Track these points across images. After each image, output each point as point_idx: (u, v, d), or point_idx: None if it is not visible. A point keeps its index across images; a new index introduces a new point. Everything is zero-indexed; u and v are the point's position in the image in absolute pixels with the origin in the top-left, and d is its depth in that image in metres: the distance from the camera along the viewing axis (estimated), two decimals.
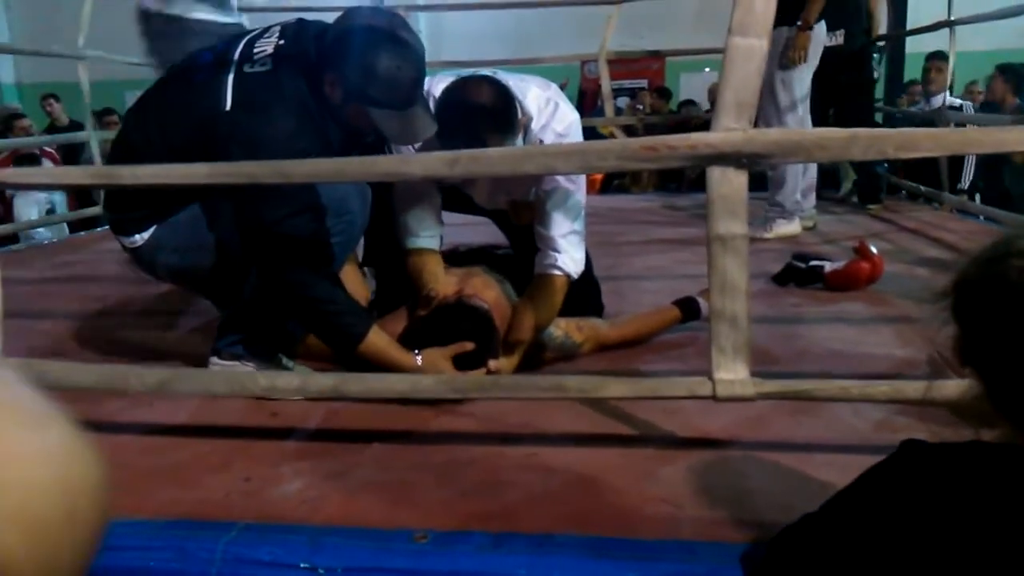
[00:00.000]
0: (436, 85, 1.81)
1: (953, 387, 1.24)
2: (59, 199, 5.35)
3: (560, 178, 1.79)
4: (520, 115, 1.73)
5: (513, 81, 1.80)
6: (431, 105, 1.76)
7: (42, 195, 5.14)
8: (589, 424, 1.52)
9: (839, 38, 3.84)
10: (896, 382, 1.28)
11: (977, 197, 4.87)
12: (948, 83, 4.20)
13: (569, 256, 1.82)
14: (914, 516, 0.76)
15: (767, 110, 3.35)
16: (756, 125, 1.25)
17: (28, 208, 5.21)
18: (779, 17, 1.31)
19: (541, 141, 1.79)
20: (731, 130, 1.21)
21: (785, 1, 1.27)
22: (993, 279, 0.73)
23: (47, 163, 5.49)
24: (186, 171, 1.40)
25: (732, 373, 1.28)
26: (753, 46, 1.17)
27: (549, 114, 1.80)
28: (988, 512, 0.72)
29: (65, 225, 5.02)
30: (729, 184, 1.22)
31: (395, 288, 1.98)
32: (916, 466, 0.79)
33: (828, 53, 3.62)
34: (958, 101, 5.08)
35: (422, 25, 9.77)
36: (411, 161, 1.51)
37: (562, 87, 2.43)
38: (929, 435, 1.34)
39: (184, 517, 1.21)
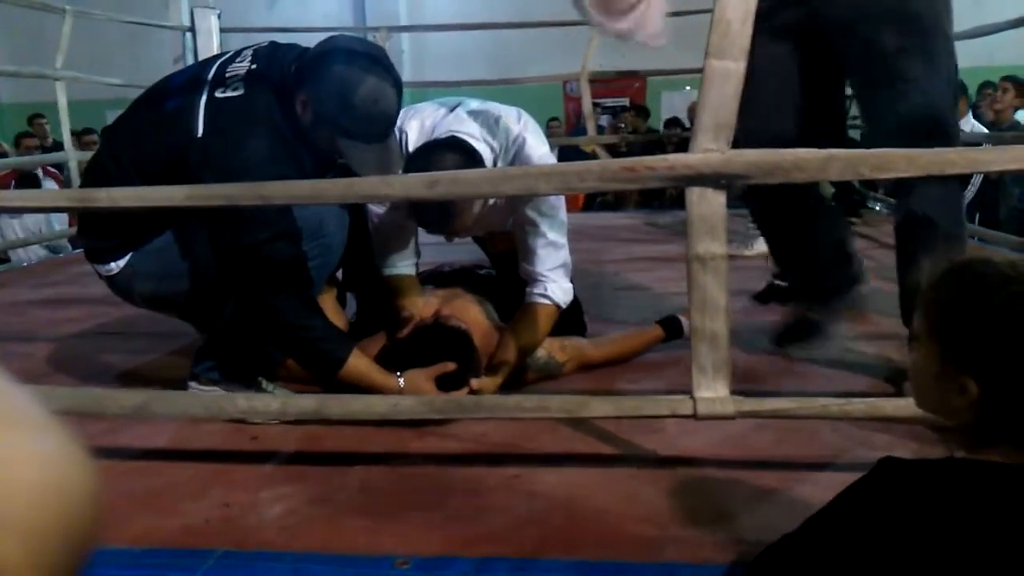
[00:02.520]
0: (409, 122, 1.81)
1: None
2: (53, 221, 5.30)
3: (536, 216, 1.78)
4: None
5: (483, 118, 1.78)
6: (404, 141, 1.77)
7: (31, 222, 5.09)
8: (572, 445, 1.51)
9: None
10: (874, 400, 1.29)
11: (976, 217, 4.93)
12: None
13: (558, 286, 1.82)
14: (893, 534, 0.77)
15: None
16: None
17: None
18: None
19: None
20: (709, 151, 1.22)
21: None
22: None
23: (51, 183, 5.45)
24: (164, 194, 1.39)
25: (712, 391, 1.28)
26: (730, 68, 1.19)
27: (517, 150, 1.79)
28: (966, 529, 0.73)
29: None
30: (708, 204, 1.23)
31: (375, 313, 1.98)
32: (894, 483, 0.80)
33: None
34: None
35: (405, 46, 9.81)
36: (391, 183, 1.51)
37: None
38: (909, 452, 1.35)
39: (162, 545, 1.19)
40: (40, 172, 5.51)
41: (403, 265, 1.92)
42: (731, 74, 1.19)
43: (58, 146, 6.05)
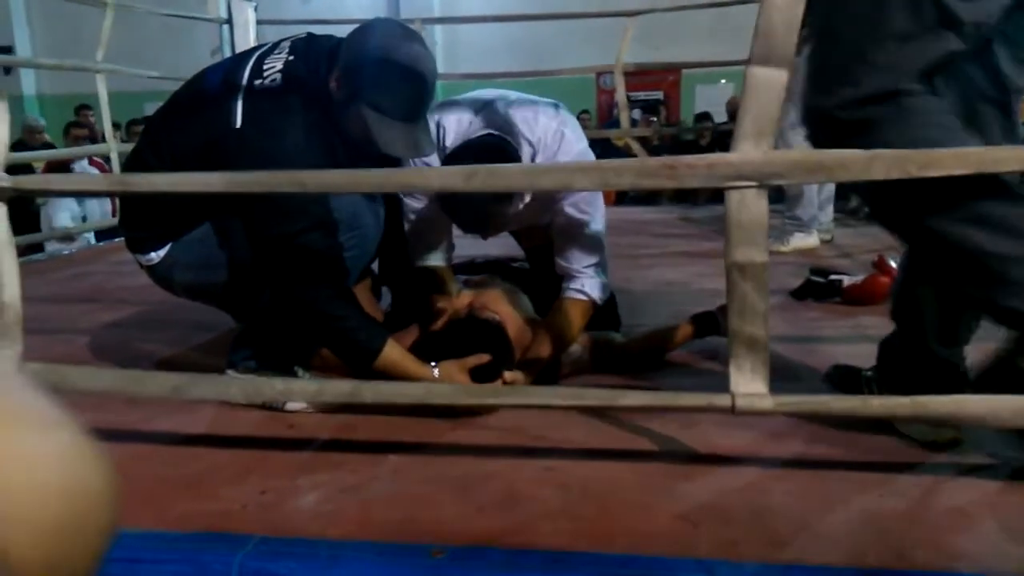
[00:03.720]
0: (446, 117, 1.80)
1: (978, 404, 1.23)
2: (95, 210, 5.39)
3: (575, 211, 1.77)
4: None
5: (522, 113, 1.78)
6: (442, 136, 1.76)
7: (74, 205, 5.15)
8: (606, 439, 1.51)
9: None
10: (919, 398, 1.26)
11: None
12: None
13: (594, 282, 1.81)
14: None
15: (786, 116, 3.32)
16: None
17: (61, 214, 5.25)
18: None
19: None
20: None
21: None
22: None
23: (94, 171, 5.55)
24: (202, 180, 1.40)
25: (750, 389, 1.26)
26: (774, 76, 1.16)
27: (555, 146, 1.78)
28: None
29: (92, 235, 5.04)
30: (748, 211, 1.20)
31: (409, 305, 1.99)
32: None
33: None
34: None
35: (438, 38, 9.84)
36: (428, 173, 1.51)
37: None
38: (950, 455, 1.33)
39: (201, 529, 1.21)
40: (86, 162, 5.60)
41: (437, 258, 1.92)
42: (775, 82, 1.17)
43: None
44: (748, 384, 1.26)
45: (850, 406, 1.29)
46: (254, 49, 1.73)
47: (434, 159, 1.76)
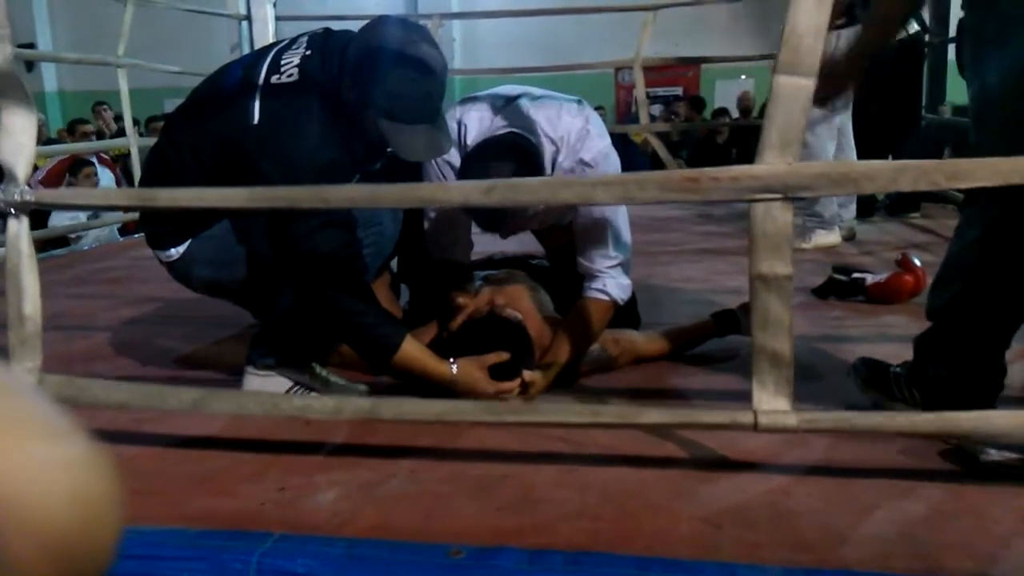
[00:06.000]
0: (468, 114, 1.78)
1: (1004, 419, 1.21)
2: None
3: (597, 211, 1.75)
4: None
5: (544, 111, 1.76)
6: (464, 134, 1.75)
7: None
8: (626, 440, 1.49)
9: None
10: (945, 414, 1.24)
11: None
12: None
13: (616, 282, 1.80)
14: None
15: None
16: None
17: (59, 215, 5.25)
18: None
19: (572, 171, 1.75)
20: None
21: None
22: None
23: (105, 171, 5.55)
24: (224, 195, 1.41)
25: (773, 406, 1.24)
26: (800, 85, 1.14)
27: (579, 144, 1.75)
28: None
29: (114, 227, 5.03)
30: (773, 222, 1.18)
31: (428, 302, 1.98)
32: None
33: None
34: None
35: (456, 33, 9.82)
36: (448, 188, 1.50)
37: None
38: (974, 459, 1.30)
39: (219, 527, 1.21)
40: (95, 159, 5.60)
41: (456, 254, 1.91)
42: (801, 90, 1.14)
43: (119, 133, 6.17)
44: (771, 401, 1.24)
45: (875, 423, 1.26)
46: (272, 45, 1.73)
47: (455, 157, 1.75)
